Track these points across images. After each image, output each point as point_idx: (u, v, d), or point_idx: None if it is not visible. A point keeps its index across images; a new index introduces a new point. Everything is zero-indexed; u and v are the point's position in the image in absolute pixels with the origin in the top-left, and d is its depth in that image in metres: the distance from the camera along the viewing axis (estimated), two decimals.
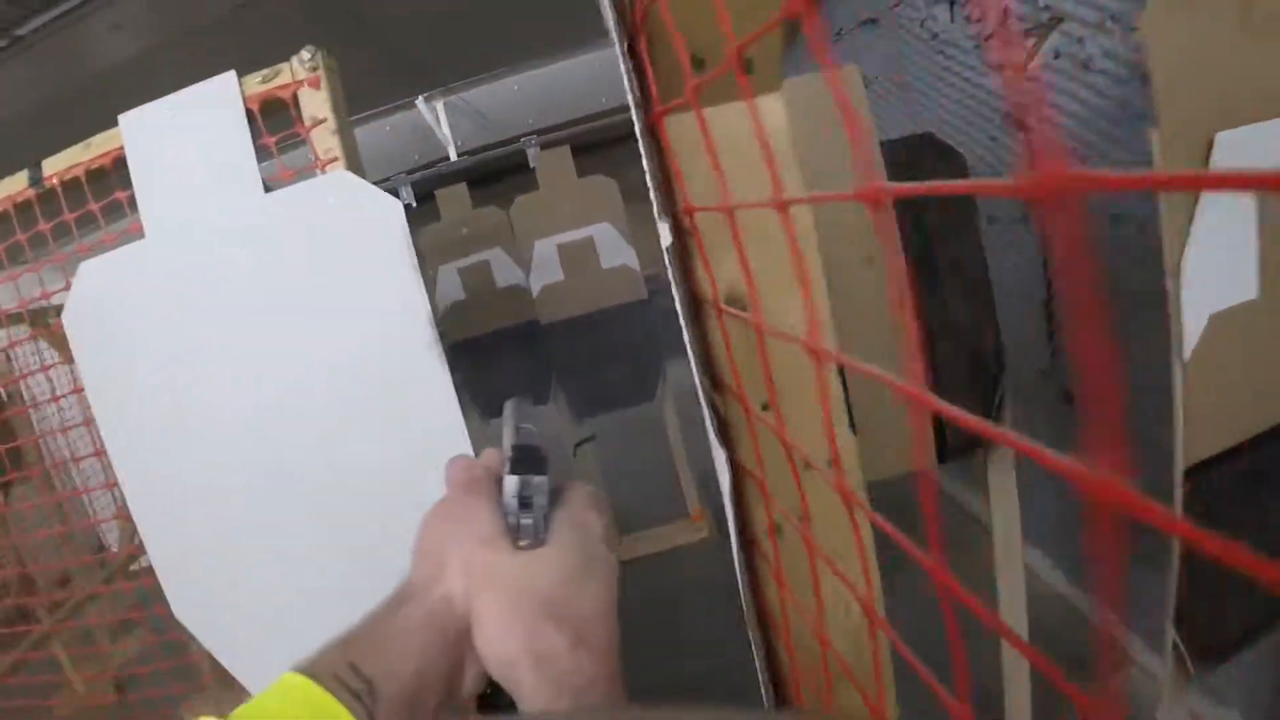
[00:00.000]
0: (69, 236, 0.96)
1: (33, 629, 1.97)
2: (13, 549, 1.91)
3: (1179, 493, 0.89)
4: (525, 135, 3.87)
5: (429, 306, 0.81)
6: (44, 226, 0.96)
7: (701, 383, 0.45)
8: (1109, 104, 1.22)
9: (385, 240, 0.81)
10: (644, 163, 0.39)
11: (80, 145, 0.91)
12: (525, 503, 0.50)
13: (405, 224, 0.81)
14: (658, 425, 2.74)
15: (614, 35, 0.38)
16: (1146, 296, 1.17)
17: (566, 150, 2.44)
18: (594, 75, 3.78)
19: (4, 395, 2.00)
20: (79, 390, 1.88)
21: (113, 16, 2.60)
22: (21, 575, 1.91)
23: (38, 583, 2.03)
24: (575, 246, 2.45)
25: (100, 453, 1.85)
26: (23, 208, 0.96)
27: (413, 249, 0.80)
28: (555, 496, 0.51)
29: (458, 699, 0.48)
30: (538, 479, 0.50)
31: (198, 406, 0.88)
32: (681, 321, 0.45)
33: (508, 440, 0.54)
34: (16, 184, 0.96)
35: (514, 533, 0.49)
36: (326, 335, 0.84)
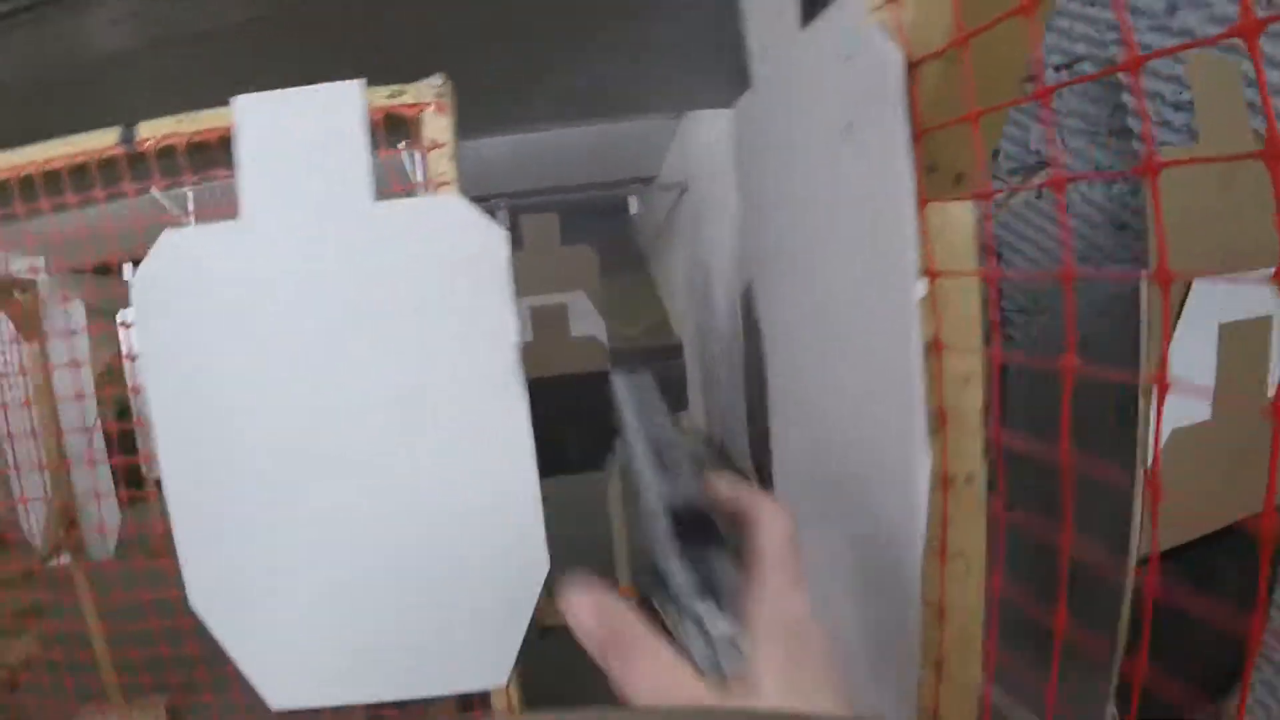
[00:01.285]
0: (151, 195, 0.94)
1: None
2: None
3: (1129, 581, 1.01)
4: (496, 197, 3.90)
5: (517, 340, 0.85)
6: (129, 188, 0.96)
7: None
8: (1082, 245, 1.38)
9: (486, 269, 0.85)
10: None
11: (183, 115, 0.92)
12: (706, 593, 0.32)
13: (508, 255, 0.86)
14: (601, 497, 2.77)
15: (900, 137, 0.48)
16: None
17: (554, 217, 2.54)
18: (578, 149, 3.85)
19: None
20: (23, 373, 1.82)
21: (109, 13, 2.58)
22: None
23: None
24: (548, 311, 2.53)
25: (35, 434, 1.78)
26: (105, 164, 0.94)
27: (511, 281, 0.85)
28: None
29: None
30: (715, 555, 0.33)
31: (256, 400, 0.87)
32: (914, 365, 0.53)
33: (649, 475, 0.37)
34: (105, 139, 0.94)
35: (704, 665, 0.31)
36: (406, 352, 0.85)
